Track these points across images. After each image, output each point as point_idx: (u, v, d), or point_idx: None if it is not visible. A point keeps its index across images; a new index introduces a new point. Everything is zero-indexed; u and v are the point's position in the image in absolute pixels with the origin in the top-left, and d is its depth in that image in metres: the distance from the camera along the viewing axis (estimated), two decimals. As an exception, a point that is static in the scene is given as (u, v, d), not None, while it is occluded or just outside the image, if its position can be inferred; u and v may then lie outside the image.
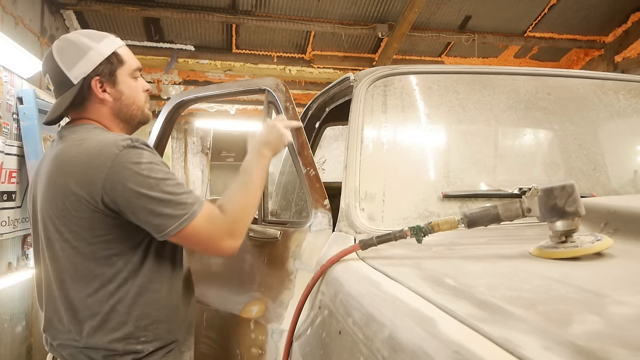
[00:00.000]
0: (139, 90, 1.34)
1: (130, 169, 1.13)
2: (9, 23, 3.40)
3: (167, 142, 2.25)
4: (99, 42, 1.27)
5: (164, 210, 1.13)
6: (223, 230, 1.20)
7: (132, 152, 1.15)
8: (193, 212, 1.15)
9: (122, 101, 1.30)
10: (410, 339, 0.66)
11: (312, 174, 1.45)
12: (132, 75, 1.32)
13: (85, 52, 1.25)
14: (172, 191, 1.15)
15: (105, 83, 1.27)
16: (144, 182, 1.13)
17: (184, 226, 1.14)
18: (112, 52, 1.27)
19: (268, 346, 1.36)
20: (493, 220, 0.96)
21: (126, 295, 1.20)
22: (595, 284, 0.72)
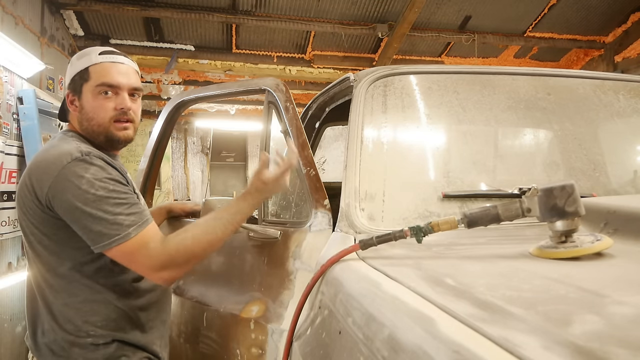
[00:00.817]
0: (105, 108, 1.34)
1: (72, 181, 1.19)
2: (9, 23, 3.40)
3: (167, 142, 2.25)
4: (79, 59, 1.37)
5: (95, 227, 1.18)
6: (153, 262, 1.21)
7: (78, 166, 1.20)
8: (125, 235, 1.18)
9: (82, 114, 1.35)
10: (410, 339, 0.66)
11: (312, 174, 1.45)
12: (95, 92, 1.33)
13: (69, 67, 1.39)
14: (108, 210, 1.18)
15: (73, 96, 1.37)
16: (80, 196, 1.18)
17: (112, 246, 1.18)
18: (83, 68, 1.34)
19: (268, 346, 1.36)
20: (493, 220, 0.96)
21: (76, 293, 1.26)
22: (595, 284, 0.72)
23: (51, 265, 1.27)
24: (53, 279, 1.27)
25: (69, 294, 1.27)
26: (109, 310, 1.29)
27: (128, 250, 1.20)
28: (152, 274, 1.23)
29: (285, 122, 1.56)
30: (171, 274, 1.24)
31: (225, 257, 1.71)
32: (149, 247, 1.21)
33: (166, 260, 1.22)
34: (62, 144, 1.29)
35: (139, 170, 2.23)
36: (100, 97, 1.34)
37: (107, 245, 1.18)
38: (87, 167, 1.21)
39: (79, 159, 1.21)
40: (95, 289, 1.28)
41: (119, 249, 1.19)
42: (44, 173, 1.21)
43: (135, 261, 1.22)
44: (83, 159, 1.22)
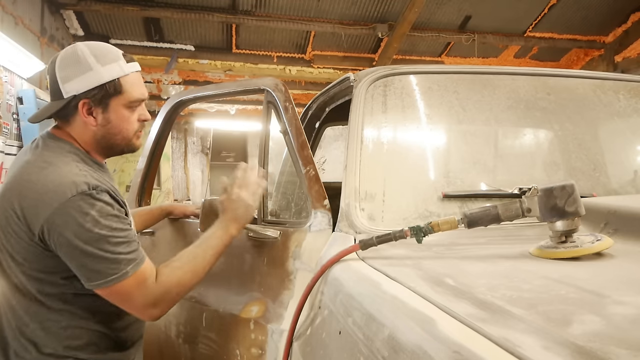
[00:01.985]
0: (131, 121, 1.29)
1: (75, 218, 1.10)
2: (9, 23, 3.40)
3: (165, 142, 2.25)
4: (104, 65, 1.22)
5: (94, 266, 1.12)
6: (148, 299, 1.19)
7: (83, 201, 1.11)
8: (123, 274, 1.14)
9: (107, 128, 1.25)
10: (410, 339, 0.66)
11: (312, 174, 1.45)
12: (128, 106, 1.26)
13: (84, 72, 1.20)
14: (109, 249, 1.13)
15: (94, 107, 1.22)
16: (83, 234, 1.10)
17: (109, 285, 1.13)
18: (112, 79, 1.22)
19: (268, 346, 1.36)
20: (493, 220, 0.96)
21: (56, 319, 1.19)
22: (595, 284, 0.72)
23: (27, 289, 1.18)
24: (29, 302, 1.18)
25: (48, 319, 1.19)
26: (89, 334, 1.23)
27: (124, 289, 1.15)
28: (144, 310, 1.21)
29: (285, 122, 1.56)
30: (162, 310, 1.23)
31: (224, 257, 1.71)
32: (146, 285, 1.19)
33: (158, 297, 1.20)
34: (61, 165, 1.17)
35: (137, 170, 2.22)
36: (128, 111, 1.27)
37: (103, 284, 1.13)
38: (93, 204, 1.12)
39: (85, 193, 1.12)
40: (77, 315, 1.21)
41: (115, 287, 1.14)
42: (41, 201, 1.11)
43: (130, 299, 1.18)
44: (89, 194, 1.12)
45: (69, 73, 1.21)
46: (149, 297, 1.19)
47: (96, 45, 1.26)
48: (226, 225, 1.34)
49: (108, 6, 4.37)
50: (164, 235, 2.00)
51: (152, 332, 1.88)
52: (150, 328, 1.90)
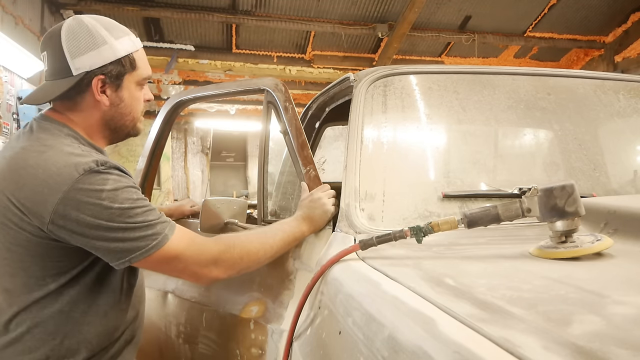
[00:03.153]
0: (141, 100, 1.22)
1: (89, 197, 1.01)
2: (9, 23, 3.40)
3: (165, 142, 2.25)
4: (117, 39, 1.13)
5: (127, 241, 1.03)
6: (203, 256, 1.11)
7: (93, 178, 1.02)
8: (164, 237, 1.06)
9: (118, 108, 1.17)
10: (410, 339, 0.66)
11: (312, 174, 1.45)
12: (139, 83, 1.20)
13: (98, 45, 1.10)
14: (139, 219, 1.04)
15: (108, 85, 1.14)
16: (103, 213, 1.01)
17: (151, 253, 1.04)
18: (127, 54, 1.14)
19: (268, 346, 1.36)
20: (493, 220, 0.96)
21: (48, 318, 1.09)
22: (595, 284, 0.72)
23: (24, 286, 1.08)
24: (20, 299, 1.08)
25: (39, 324, 1.09)
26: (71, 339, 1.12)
27: (171, 252, 1.06)
28: (202, 269, 1.11)
29: (285, 122, 1.56)
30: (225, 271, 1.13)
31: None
32: (196, 242, 1.10)
33: (218, 253, 1.12)
34: (61, 148, 1.06)
35: (137, 170, 2.22)
36: (138, 89, 1.20)
37: (143, 253, 1.03)
38: (105, 179, 1.03)
39: (93, 171, 1.02)
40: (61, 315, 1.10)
41: (159, 254, 1.05)
42: (47, 187, 1.01)
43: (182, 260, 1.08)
44: (97, 170, 1.03)
45: (80, 47, 1.10)
46: (204, 254, 1.11)
47: (103, 18, 1.17)
48: (300, 221, 1.31)
49: (108, 6, 4.37)
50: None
51: (152, 332, 1.88)
52: (150, 328, 1.90)
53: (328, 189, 1.39)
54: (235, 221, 1.54)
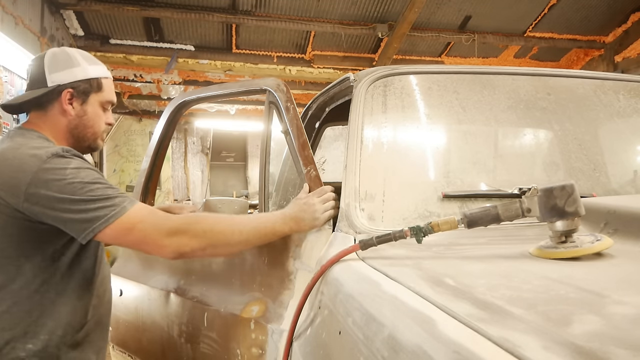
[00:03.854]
0: (103, 119, 1.40)
1: (55, 175, 1.15)
2: (9, 23, 3.40)
3: (169, 143, 2.26)
4: (90, 65, 1.37)
5: (89, 211, 1.14)
6: (164, 226, 1.18)
7: (58, 160, 1.18)
8: (123, 208, 1.16)
9: (82, 120, 1.35)
10: (410, 339, 0.66)
11: (313, 174, 1.45)
12: (103, 105, 1.39)
13: (72, 66, 1.33)
14: (99, 193, 1.16)
15: (75, 98, 1.34)
16: (67, 187, 1.14)
17: (111, 222, 1.14)
18: (95, 77, 1.36)
19: (268, 346, 1.36)
20: (493, 220, 0.96)
21: (25, 298, 1.21)
22: (595, 284, 0.72)
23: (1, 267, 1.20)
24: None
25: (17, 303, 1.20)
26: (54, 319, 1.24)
27: (130, 221, 1.15)
28: (162, 240, 1.17)
29: (286, 122, 1.56)
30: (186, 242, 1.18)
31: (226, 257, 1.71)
32: (157, 214, 1.19)
33: (179, 225, 1.18)
34: (32, 143, 1.23)
35: (141, 170, 2.23)
36: (101, 109, 1.39)
37: (103, 222, 1.13)
38: (69, 160, 1.19)
39: (58, 155, 1.19)
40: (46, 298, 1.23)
41: (119, 224, 1.14)
42: (19, 172, 1.16)
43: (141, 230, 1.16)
44: (62, 155, 1.19)
45: (57, 65, 1.33)
46: (164, 224, 1.18)
47: (82, 51, 1.42)
48: (286, 218, 1.31)
49: (108, 6, 4.37)
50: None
51: (154, 332, 1.89)
52: (152, 328, 1.90)
53: (328, 192, 1.37)
54: (235, 221, 1.54)
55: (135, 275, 2.10)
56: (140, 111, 7.35)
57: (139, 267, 2.13)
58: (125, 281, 2.14)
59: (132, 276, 2.12)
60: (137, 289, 2.06)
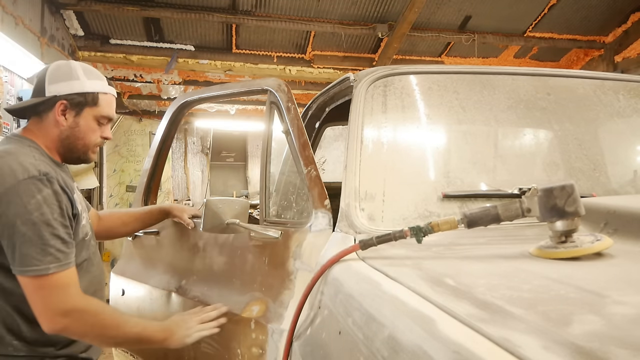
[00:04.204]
0: (96, 134, 1.43)
1: (21, 198, 1.19)
2: (9, 23, 3.40)
3: (171, 143, 2.27)
4: (89, 79, 1.39)
5: (23, 250, 1.19)
6: (62, 306, 1.23)
7: (32, 184, 1.21)
8: (45, 269, 1.20)
9: (73, 131, 1.38)
10: (410, 339, 0.66)
11: (314, 174, 1.45)
12: (98, 119, 1.41)
13: (70, 79, 1.37)
14: (43, 238, 1.20)
15: (69, 110, 1.37)
16: (23, 215, 1.19)
17: (28, 275, 1.20)
18: (92, 91, 1.39)
19: (268, 346, 1.36)
20: (493, 220, 0.96)
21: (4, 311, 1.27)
22: (595, 284, 0.72)
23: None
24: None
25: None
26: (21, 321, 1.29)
27: (46, 284, 1.21)
28: (52, 316, 1.23)
29: (287, 123, 1.56)
30: (69, 326, 1.24)
31: (226, 256, 1.71)
32: (68, 292, 1.24)
33: (76, 309, 1.24)
34: (19, 155, 1.28)
35: (143, 170, 2.24)
36: (95, 123, 1.42)
37: (24, 272, 1.19)
38: (41, 189, 1.22)
39: (36, 178, 1.22)
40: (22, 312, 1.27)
41: (37, 280, 1.20)
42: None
43: (49, 298, 1.22)
44: (40, 179, 1.23)
45: (57, 77, 1.38)
46: (66, 304, 1.23)
47: (87, 66, 1.45)
48: (164, 329, 1.42)
49: (108, 6, 4.36)
50: (168, 235, 2.01)
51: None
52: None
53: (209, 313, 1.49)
54: (236, 221, 1.54)
55: (137, 275, 2.10)
56: (140, 111, 7.35)
57: (141, 267, 2.13)
58: (128, 281, 2.15)
59: (134, 276, 2.12)
60: (139, 288, 2.06)
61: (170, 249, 1.99)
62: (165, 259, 2.00)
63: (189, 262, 1.86)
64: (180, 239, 1.93)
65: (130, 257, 2.23)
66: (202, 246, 1.82)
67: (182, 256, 1.91)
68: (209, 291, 1.68)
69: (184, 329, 1.44)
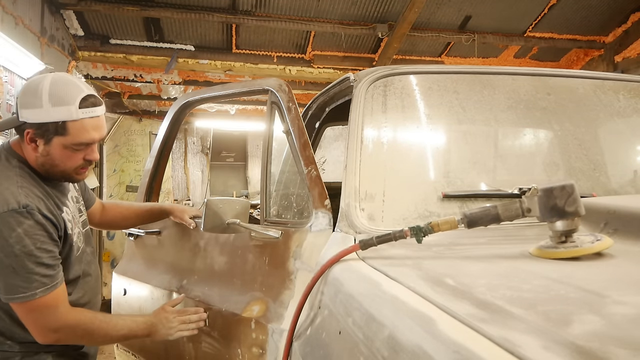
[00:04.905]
0: (73, 159, 1.35)
1: (2, 232, 1.21)
2: (9, 23, 3.40)
3: (173, 143, 2.27)
4: (54, 106, 1.27)
5: (8, 281, 1.23)
6: (52, 324, 1.29)
7: (13, 217, 1.22)
8: (32, 295, 1.23)
9: (46, 159, 1.33)
10: (410, 339, 0.66)
11: (314, 174, 1.45)
12: (71, 148, 1.32)
13: (34, 106, 1.28)
14: (27, 269, 1.23)
15: (38, 138, 1.30)
16: (5, 248, 1.21)
17: (16, 302, 1.24)
18: (58, 121, 1.28)
19: (268, 346, 1.36)
20: (493, 220, 0.96)
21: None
22: (595, 284, 0.72)
23: None
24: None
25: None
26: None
27: (35, 308, 1.25)
28: (45, 333, 1.29)
29: (288, 123, 1.56)
30: (60, 339, 1.32)
31: (227, 257, 1.71)
32: (56, 311, 1.28)
33: (67, 325, 1.30)
34: (2, 178, 1.28)
35: (145, 171, 2.24)
36: (69, 151, 1.33)
37: (12, 299, 1.24)
38: (22, 222, 1.23)
39: (16, 212, 1.22)
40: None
41: (25, 305, 1.24)
42: None
43: (39, 319, 1.27)
44: (20, 212, 1.23)
45: (25, 101, 1.30)
46: (56, 322, 1.29)
47: (61, 83, 1.31)
48: (148, 325, 1.48)
49: (108, 6, 4.36)
50: (169, 235, 2.01)
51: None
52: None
53: (192, 315, 1.55)
54: (237, 221, 1.54)
55: (139, 275, 2.11)
56: (140, 111, 7.34)
57: (143, 266, 2.14)
58: (129, 280, 2.15)
59: (135, 275, 2.12)
60: (141, 288, 2.06)
61: (172, 249, 2.00)
62: (167, 258, 2.01)
63: (190, 261, 1.86)
64: (182, 238, 1.94)
65: (132, 256, 2.24)
66: (203, 246, 1.82)
67: (183, 256, 1.91)
68: (209, 291, 1.68)
69: (167, 327, 1.49)
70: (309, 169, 1.46)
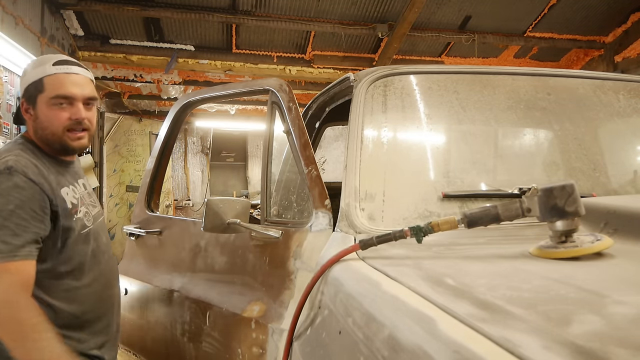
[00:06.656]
0: (60, 118, 1.38)
1: None
2: (9, 23, 3.40)
3: (174, 143, 2.27)
4: (33, 69, 1.40)
5: None
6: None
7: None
8: None
9: (37, 123, 1.40)
10: (410, 339, 0.67)
11: (314, 174, 1.45)
12: (49, 103, 1.38)
13: (23, 76, 1.43)
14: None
15: (28, 105, 1.41)
16: None
17: None
18: (37, 79, 1.38)
19: (268, 346, 1.36)
20: (493, 220, 0.96)
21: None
22: (595, 284, 0.72)
23: None
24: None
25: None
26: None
27: None
28: None
29: (288, 122, 1.57)
30: None
31: (228, 256, 1.72)
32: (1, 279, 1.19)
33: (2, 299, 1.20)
34: (4, 153, 1.34)
35: (146, 171, 2.24)
36: (54, 108, 1.38)
37: None
38: (1, 182, 1.26)
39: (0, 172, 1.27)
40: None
41: None
42: None
43: None
44: (1, 172, 1.27)
45: (20, 81, 1.45)
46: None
47: (44, 56, 1.46)
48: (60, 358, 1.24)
49: (108, 6, 4.36)
50: (170, 235, 2.01)
51: (158, 331, 1.89)
52: (157, 326, 1.91)
53: None
54: (237, 221, 1.54)
55: (139, 274, 2.11)
56: (140, 111, 7.35)
57: (144, 266, 2.14)
58: (130, 280, 2.15)
59: (136, 275, 2.13)
60: (142, 287, 2.06)
61: (172, 249, 2.00)
62: (168, 258, 2.01)
63: (190, 261, 1.86)
64: (182, 238, 1.94)
65: (133, 256, 2.24)
66: (203, 246, 1.83)
67: (184, 256, 1.91)
68: (210, 291, 1.68)
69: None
70: (309, 168, 1.46)
